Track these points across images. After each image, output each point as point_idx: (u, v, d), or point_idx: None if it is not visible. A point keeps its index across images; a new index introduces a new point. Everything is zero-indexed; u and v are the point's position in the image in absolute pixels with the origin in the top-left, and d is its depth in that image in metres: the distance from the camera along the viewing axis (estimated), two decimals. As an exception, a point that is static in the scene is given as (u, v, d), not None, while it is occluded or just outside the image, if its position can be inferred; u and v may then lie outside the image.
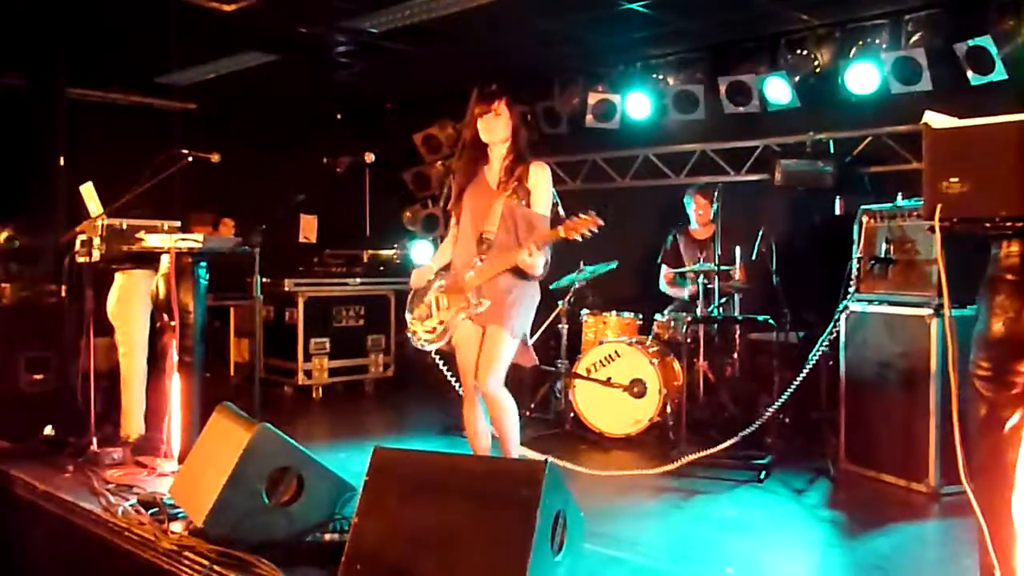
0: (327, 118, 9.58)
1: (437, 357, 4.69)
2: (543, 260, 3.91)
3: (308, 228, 9.69)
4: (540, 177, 4.09)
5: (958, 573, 2.97)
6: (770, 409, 5.03)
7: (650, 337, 6.13)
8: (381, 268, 8.27)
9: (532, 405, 6.19)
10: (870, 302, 4.83)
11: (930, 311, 4.43)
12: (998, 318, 2.22)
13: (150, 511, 3.81)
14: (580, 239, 3.81)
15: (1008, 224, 2.15)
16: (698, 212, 6.41)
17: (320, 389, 7.47)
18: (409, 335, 4.22)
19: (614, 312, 6.26)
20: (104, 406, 5.12)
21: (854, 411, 4.85)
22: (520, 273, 3.96)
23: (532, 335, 4.23)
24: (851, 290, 4.93)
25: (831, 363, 4.93)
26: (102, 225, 4.81)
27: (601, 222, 3.80)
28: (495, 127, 4.13)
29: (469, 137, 4.22)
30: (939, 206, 2.21)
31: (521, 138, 4.18)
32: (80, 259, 4.93)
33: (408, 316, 4.22)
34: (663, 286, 6.58)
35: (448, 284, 4.11)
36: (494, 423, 4.03)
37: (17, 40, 7.03)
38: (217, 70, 7.73)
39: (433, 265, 4.29)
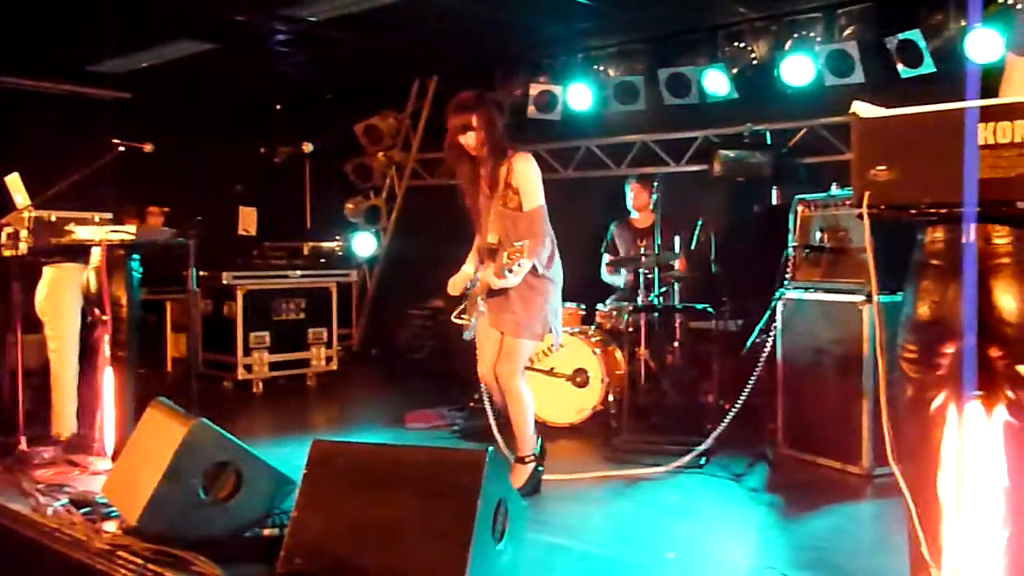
0: (266, 108, 9.45)
1: None
2: (514, 277, 3.90)
3: (247, 220, 9.52)
4: (522, 170, 4.08)
5: (890, 551, 3.04)
6: (738, 404, 5.05)
7: (592, 327, 6.17)
8: (323, 260, 8.18)
9: (475, 395, 6.18)
10: (805, 289, 4.93)
11: (862, 297, 4.54)
12: (924, 302, 2.27)
13: (82, 511, 3.72)
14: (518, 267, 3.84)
15: (932, 211, 2.20)
16: (633, 199, 6.46)
17: (261, 384, 7.36)
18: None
19: (557, 302, 6.28)
20: (34, 404, 4.98)
21: (791, 397, 4.94)
22: (527, 276, 4.02)
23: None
24: (787, 278, 5.02)
25: (768, 350, 5.01)
26: (29, 217, 4.67)
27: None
28: (469, 140, 4.12)
29: (451, 145, 4.18)
30: (867, 193, 2.25)
31: (496, 135, 4.12)
32: (6, 252, 4.76)
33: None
34: (604, 275, 6.63)
35: (472, 290, 4.26)
36: (510, 414, 4.26)
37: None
38: (152, 59, 7.56)
39: (469, 270, 4.38)
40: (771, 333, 4.98)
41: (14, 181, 4.84)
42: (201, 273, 7.25)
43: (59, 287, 5.03)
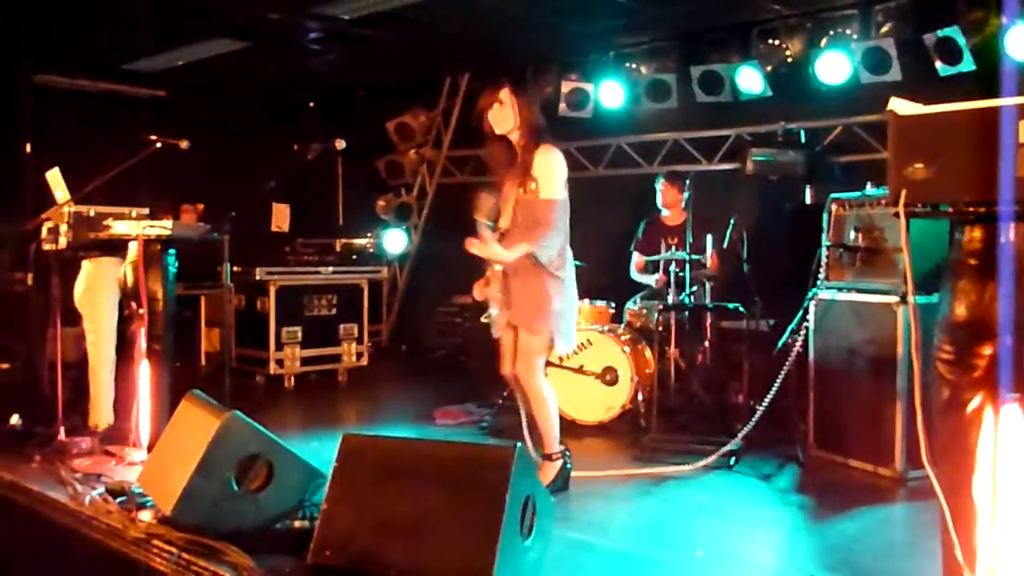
0: (299, 106, 9.52)
1: None
2: (506, 252, 3.98)
3: (280, 217, 9.59)
4: (544, 162, 4.02)
5: (922, 555, 3.01)
6: (763, 404, 5.05)
7: (622, 325, 6.16)
8: (354, 257, 8.23)
9: (504, 393, 6.19)
10: (839, 290, 4.88)
11: (897, 298, 4.48)
12: (961, 302, 2.25)
13: (118, 500, 3.77)
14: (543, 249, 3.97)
15: (971, 209, 2.18)
16: (663, 196, 6.43)
17: (292, 378, 7.43)
18: None
19: (587, 300, 6.27)
20: (72, 395, 5.06)
21: (822, 397, 4.90)
22: (535, 270, 4.03)
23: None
24: (820, 278, 4.97)
25: (800, 350, 4.97)
26: (69, 212, 4.75)
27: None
28: (500, 117, 4.09)
29: (486, 132, 4.17)
30: (903, 192, 2.23)
31: (532, 124, 4.10)
32: (47, 247, 4.85)
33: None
34: (633, 273, 6.60)
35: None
36: (533, 412, 4.26)
37: (-19, 26, 6.92)
38: (187, 57, 7.66)
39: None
40: (803, 333, 4.93)
41: (54, 176, 4.92)
42: (235, 269, 7.29)
43: (97, 281, 5.10)
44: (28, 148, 7.60)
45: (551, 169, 4.02)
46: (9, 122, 7.59)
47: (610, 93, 7.31)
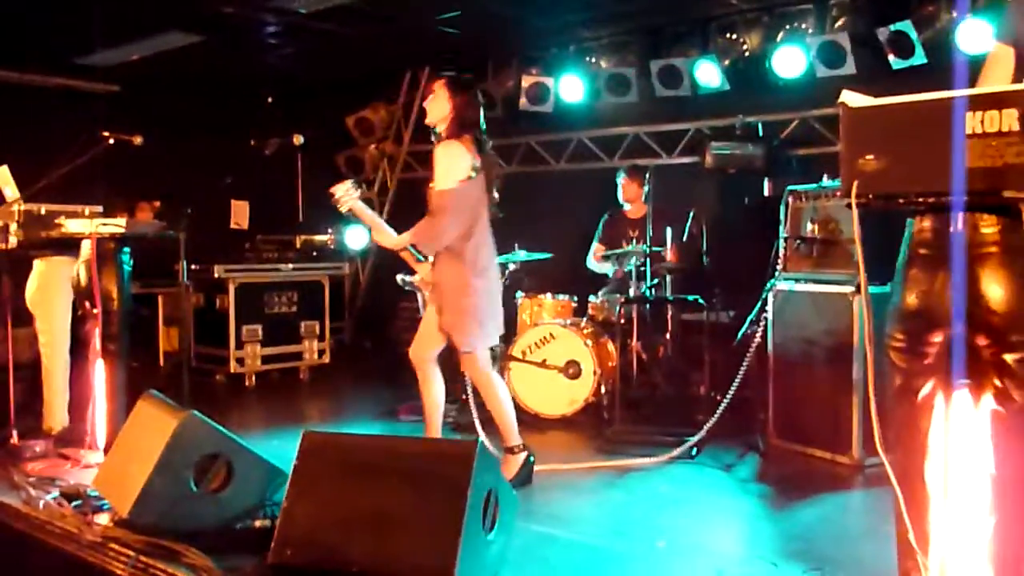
0: (257, 101, 9.41)
1: None
2: (394, 238, 4.21)
3: (239, 214, 9.48)
4: (441, 154, 4.10)
5: (878, 540, 3.05)
6: (728, 394, 5.10)
7: (585, 319, 6.18)
8: (315, 253, 8.17)
9: (468, 388, 6.19)
10: (796, 280, 4.94)
11: (852, 288, 4.55)
12: (911, 291, 2.28)
13: (73, 504, 3.71)
14: (344, 210, 4.23)
15: (921, 200, 2.21)
16: (624, 190, 6.47)
17: (253, 377, 7.35)
18: None
19: (549, 294, 6.29)
20: (25, 397, 4.97)
21: (782, 388, 4.96)
22: (444, 264, 4.18)
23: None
24: (778, 269, 5.03)
25: (760, 341, 5.02)
26: (19, 210, 4.66)
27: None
28: (431, 108, 4.24)
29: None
30: (856, 183, 2.25)
31: (456, 120, 4.17)
32: (-4, 246, 4.75)
33: None
34: (590, 262, 6.62)
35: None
36: (487, 405, 4.38)
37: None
38: (141, 51, 7.52)
39: None
40: (762, 324, 4.99)
41: (3, 174, 4.82)
42: (193, 266, 7.22)
43: (49, 280, 5.01)
44: (-23, 145, 7.43)
45: (447, 161, 4.07)
46: (-43, 118, 7.42)
47: (570, 87, 7.32)
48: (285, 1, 6.24)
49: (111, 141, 4.78)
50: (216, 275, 7.31)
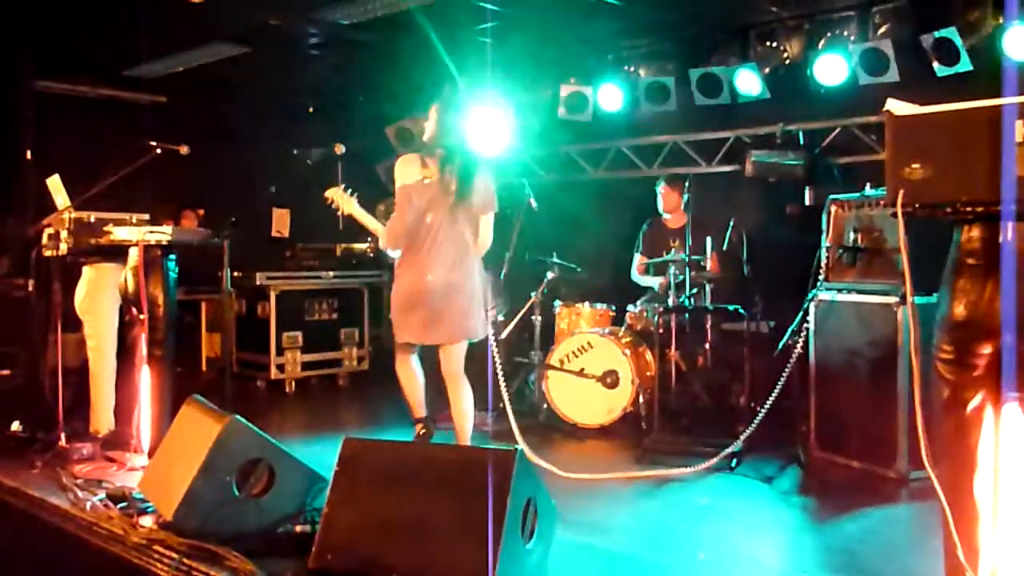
0: (299, 111, 9.51)
1: None
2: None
3: (280, 222, 9.61)
4: (394, 170, 4.53)
5: (925, 555, 3.01)
6: (765, 405, 5.06)
7: (623, 328, 6.16)
8: (354, 261, 8.23)
9: (506, 397, 6.20)
10: (839, 291, 4.88)
11: (897, 299, 4.48)
12: (959, 301, 2.25)
13: (119, 506, 3.78)
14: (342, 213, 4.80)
15: (968, 209, 2.18)
16: (665, 201, 6.45)
17: (293, 383, 7.43)
18: None
19: (587, 303, 6.28)
20: (73, 401, 5.07)
21: (824, 398, 4.89)
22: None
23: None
24: (820, 279, 4.97)
25: (801, 351, 4.97)
26: (69, 218, 4.75)
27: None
28: (427, 128, 4.63)
29: None
30: (901, 192, 2.23)
31: (433, 133, 4.57)
32: (47, 253, 4.86)
33: None
34: (634, 275, 6.61)
35: None
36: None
37: (-18, 33, 6.93)
38: (187, 62, 7.65)
39: None
40: (803, 334, 4.93)
41: (55, 183, 4.93)
42: (235, 274, 7.31)
43: (98, 287, 5.11)
44: (28, 154, 7.61)
45: (397, 169, 4.50)
46: (10, 128, 7.59)
47: (609, 96, 7.31)
48: (328, 12, 6.32)
49: (158, 151, 4.87)
50: (258, 282, 7.41)
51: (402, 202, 4.45)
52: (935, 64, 5.66)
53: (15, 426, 5.01)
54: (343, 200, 4.79)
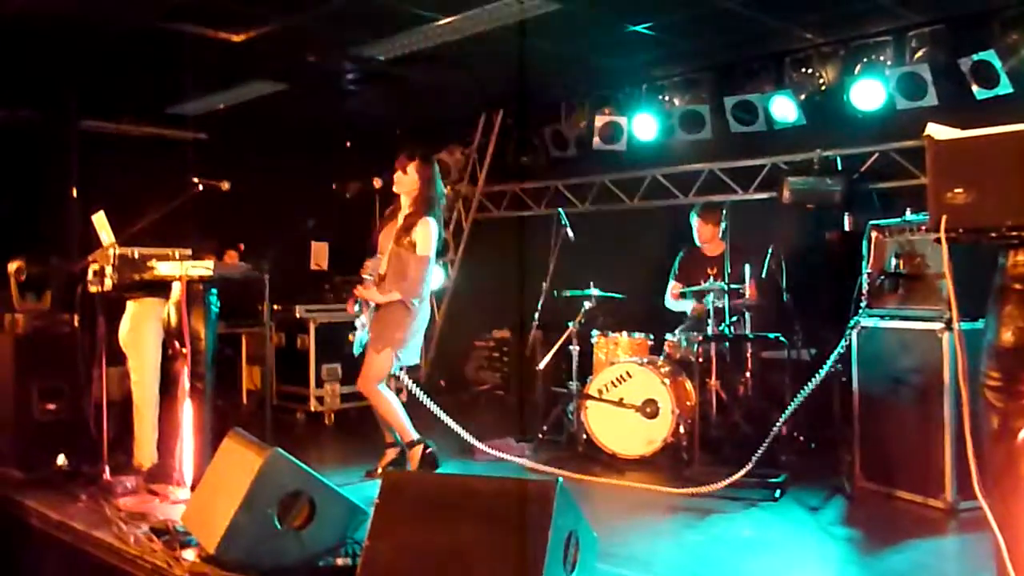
0: (337, 145, 9.66)
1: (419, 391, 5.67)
2: (379, 296, 5.02)
3: (319, 255, 9.72)
4: (424, 229, 4.97)
5: (977, 589, 2.93)
6: (779, 423, 4.99)
7: (661, 357, 6.11)
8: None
9: (544, 427, 6.18)
10: (881, 317, 4.81)
11: (941, 325, 4.41)
12: (1007, 328, 2.21)
13: (162, 538, 3.81)
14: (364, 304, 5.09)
15: (1014, 233, 2.15)
16: (700, 233, 6.42)
17: (332, 415, 7.47)
18: None
19: (625, 333, 6.25)
20: (117, 434, 5.13)
21: (868, 427, 4.81)
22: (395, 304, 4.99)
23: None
24: (862, 306, 4.91)
25: (844, 379, 4.89)
26: (114, 254, 4.83)
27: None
28: (400, 181, 5.12)
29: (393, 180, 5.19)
30: (944, 217, 2.21)
31: (425, 197, 5.07)
32: (92, 288, 4.93)
33: None
34: (668, 301, 6.56)
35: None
36: (383, 419, 5.20)
37: (31, 75, 7.13)
38: (228, 100, 7.83)
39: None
40: (844, 363, 4.86)
41: (100, 220, 5.03)
42: (275, 307, 7.42)
43: (141, 321, 5.18)
44: (74, 192, 7.79)
45: (429, 235, 4.97)
46: (57, 167, 7.79)
47: (644, 125, 7.34)
48: (364, 49, 6.43)
49: (200, 187, 4.95)
50: (297, 315, 7.49)
51: (431, 266, 5.07)
52: (974, 87, 5.61)
53: (60, 460, 5.08)
54: (368, 295, 5.10)
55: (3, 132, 7.53)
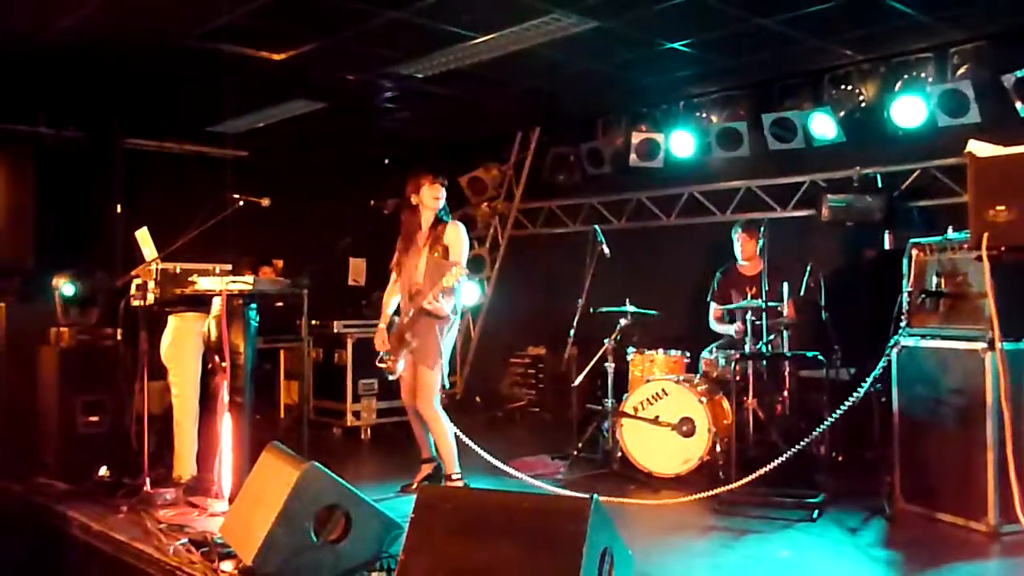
0: (374, 162, 9.76)
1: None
2: (448, 304, 4.99)
3: (357, 271, 9.82)
4: (455, 233, 5.12)
5: (1021, 614, 2.87)
6: (810, 438, 4.94)
7: (698, 375, 6.07)
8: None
9: (579, 444, 6.15)
10: (922, 336, 4.73)
11: (984, 344, 4.31)
12: (1051, 348, 2.17)
13: (201, 550, 3.86)
14: (457, 284, 4.91)
15: (1058, 252, 2.12)
16: (741, 248, 6.38)
17: (369, 430, 7.51)
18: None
19: (660, 350, 6.22)
20: (157, 447, 5.22)
21: (908, 448, 4.73)
22: (435, 315, 4.96)
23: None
24: (902, 325, 4.84)
25: (883, 400, 4.82)
26: (156, 269, 4.93)
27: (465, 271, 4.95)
28: (440, 196, 5.18)
29: (413, 203, 5.21)
30: (986, 235, 2.19)
31: (445, 207, 5.22)
32: (135, 303, 5.04)
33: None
34: (712, 324, 6.53)
35: (394, 330, 5.19)
36: (434, 441, 5.17)
37: (77, 95, 7.32)
38: (267, 118, 7.95)
39: (391, 319, 5.31)
40: (886, 382, 4.79)
41: (143, 235, 5.13)
42: (313, 322, 7.49)
43: (182, 335, 5.26)
44: (118, 209, 7.95)
45: (461, 239, 5.13)
46: (102, 184, 7.97)
47: (681, 142, 7.33)
48: (401, 67, 6.50)
49: (240, 203, 5.04)
50: (335, 331, 7.56)
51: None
52: (1018, 104, 5.54)
53: (102, 471, 5.17)
54: (398, 354, 5.14)
55: (50, 151, 7.72)
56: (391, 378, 5.22)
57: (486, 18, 5.50)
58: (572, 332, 6.20)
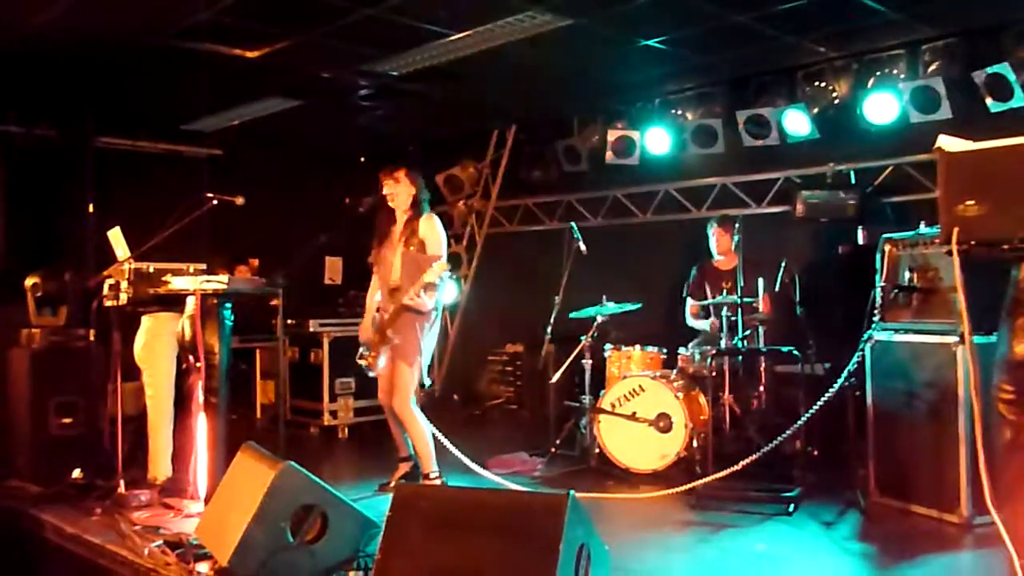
0: (350, 160, 9.71)
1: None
2: (430, 300, 4.92)
3: (333, 270, 9.77)
4: (429, 226, 5.05)
5: (993, 605, 2.91)
6: (786, 433, 4.98)
7: (674, 371, 6.10)
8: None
9: (557, 441, 6.16)
10: (895, 331, 4.78)
11: (955, 338, 4.37)
12: (1020, 341, 2.20)
13: (176, 552, 3.82)
14: (440, 280, 4.80)
15: (1026, 246, 2.14)
16: (716, 242, 6.42)
17: (346, 429, 7.48)
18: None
19: (637, 346, 6.24)
20: (131, 448, 5.16)
21: (882, 442, 4.78)
22: (416, 311, 4.91)
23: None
24: (875, 319, 4.89)
25: (858, 394, 4.87)
26: (129, 269, 4.87)
27: (447, 266, 4.85)
28: (395, 190, 5.12)
29: (381, 200, 5.20)
30: (956, 229, 2.21)
31: (417, 199, 5.14)
32: (108, 303, 4.97)
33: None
34: (688, 319, 6.56)
35: (375, 326, 5.15)
36: (411, 441, 5.14)
37: (48, 92, 7.22)
38: (242, 116, 7.89)
39: (374, 315, 5.28)
40: (858, 377, 4.83)
41: (115, 235, 5.08)
42: (289, 321, 7.46)
43: (156, 335, 5.21)
44: (91, 208, 7.87)
45: (437, 231, 5.06)
46: (73, 183, 7.87)
47: (656, 140, 7.35)
48: (377, 64, 6.47)
49: (215, 202, 4.99)
50: (311, 330, 7.51)
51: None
52: (988, 100, 5.60)
53: (76, 473, 5.11)
54: (379, 350, 5.09)
55: (21, 149, 7.61)
56: (371, 375, 5.16)
57: (461, 15, 5.49)
58: (549, 329, 6.21)
